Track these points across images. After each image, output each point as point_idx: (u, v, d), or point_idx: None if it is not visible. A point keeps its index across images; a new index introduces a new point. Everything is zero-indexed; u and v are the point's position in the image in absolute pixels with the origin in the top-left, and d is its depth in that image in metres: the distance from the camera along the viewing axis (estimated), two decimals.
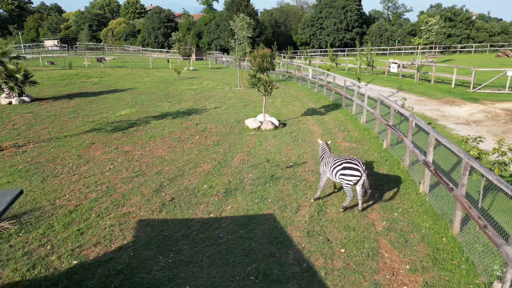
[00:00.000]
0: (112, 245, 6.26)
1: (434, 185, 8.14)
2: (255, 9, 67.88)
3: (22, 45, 62.54)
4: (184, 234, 6.58)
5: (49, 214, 7.33)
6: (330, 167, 7.25)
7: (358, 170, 6.90)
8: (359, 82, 18.43)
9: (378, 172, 9.27)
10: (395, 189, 8.24)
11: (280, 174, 9.24)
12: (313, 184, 8.55)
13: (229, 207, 7.56)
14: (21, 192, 3.63)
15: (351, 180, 7.00)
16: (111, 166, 10.00)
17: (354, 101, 15.85)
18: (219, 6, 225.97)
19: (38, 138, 12.89)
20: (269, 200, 7.80)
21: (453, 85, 21.63)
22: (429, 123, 13.39)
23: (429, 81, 24.32)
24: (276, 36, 68.21)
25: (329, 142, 8.27)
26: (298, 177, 9.04)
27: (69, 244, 6.28)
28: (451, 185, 6.26)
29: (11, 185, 8.81)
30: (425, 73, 25.13)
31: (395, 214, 7.11)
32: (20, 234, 6.58)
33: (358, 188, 7.08)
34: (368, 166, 9.72)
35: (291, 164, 9.95)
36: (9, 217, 7.11)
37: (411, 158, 9.52)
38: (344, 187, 7.13)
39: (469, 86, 20.53)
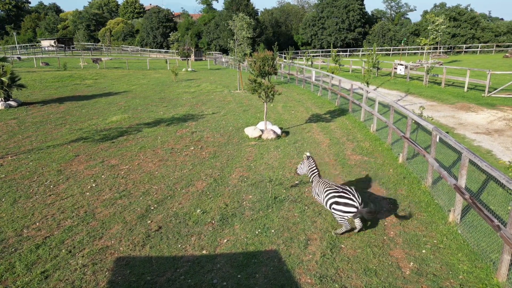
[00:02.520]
0: None
1: (465, 210, 6.98)
2: (255, 8, 66.79)
3: (17, 45, 61.35)
4: (169, 278, 5.42)
5: (13, 250, 6.18)
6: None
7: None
8: (368, 86, 17.24)
9: (396, 193, 8.11)
10: (419, 216, 7.07)
11: (284, 195, 8.08)
12: (323, 208, 7.40)
13: (225, 240, 6.40)
14: None
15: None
16: (94, 185, 8.85)
17: (362, 107, 14.67)
18: (218, 5, 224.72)
19: (18, 149, 11.75)
20: (272, 230, 6.65)
21: (465, 89, 20.39)
22: (447, 132, 12.20)
23: (439, 84, 23.09)
24: (276, 36, 67.00)
25: (307, 154, 7.23)
26: (305, 199, 7.89)
27: None
28: (496, 221, 5.10)
29: None
30: (434, 75, 23.90)
31: (424, 251, 5.94)
32: None
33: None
34: (384, 185, 8.56)
35: (296, 182, 8.79)
36: None
37: (433, 175, 8.37)
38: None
39: (483, 90, 19.32)
